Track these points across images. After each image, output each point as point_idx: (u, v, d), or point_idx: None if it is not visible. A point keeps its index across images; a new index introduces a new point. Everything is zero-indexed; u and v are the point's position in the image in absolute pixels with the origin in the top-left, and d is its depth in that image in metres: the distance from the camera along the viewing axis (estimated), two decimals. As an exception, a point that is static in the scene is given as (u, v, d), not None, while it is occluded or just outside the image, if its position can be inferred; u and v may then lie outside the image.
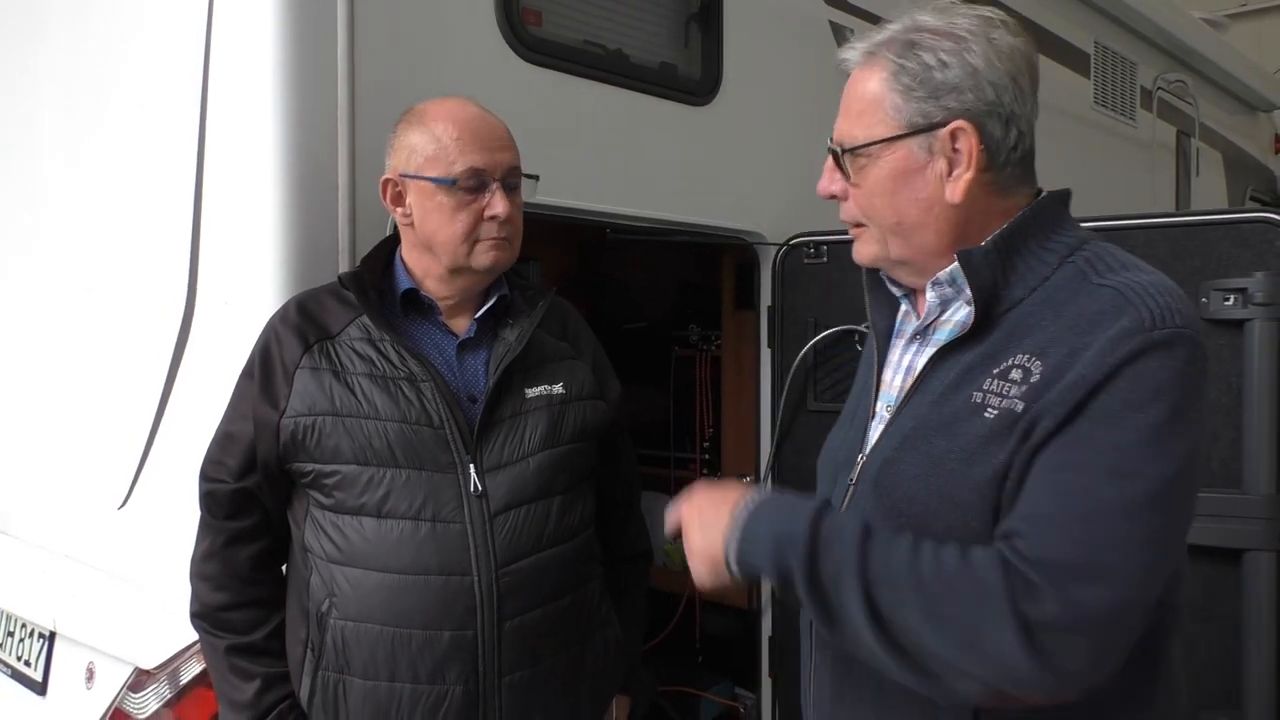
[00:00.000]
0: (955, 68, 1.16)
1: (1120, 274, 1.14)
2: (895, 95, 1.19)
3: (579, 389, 1.73)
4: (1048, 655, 1.01)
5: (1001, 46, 1.17)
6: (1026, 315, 1.16)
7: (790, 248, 2.62)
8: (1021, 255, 1.19)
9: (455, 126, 1.59)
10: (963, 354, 1.19)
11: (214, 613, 1.63)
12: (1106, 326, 1.08)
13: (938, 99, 1.17)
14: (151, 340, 2.01)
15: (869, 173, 1.22)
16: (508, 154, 1.63)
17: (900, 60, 1.19)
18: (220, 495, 1.62)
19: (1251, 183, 6.38)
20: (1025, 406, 1.09)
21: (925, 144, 1.18)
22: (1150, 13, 4.72)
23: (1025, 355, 1.12)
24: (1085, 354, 1.07)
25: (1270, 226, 1.98)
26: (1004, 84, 1.17)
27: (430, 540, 1.53)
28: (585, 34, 2.28)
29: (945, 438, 1.16)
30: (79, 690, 2.12)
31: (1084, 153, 4.22)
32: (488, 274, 1.64)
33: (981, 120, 1.17)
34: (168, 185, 1.96)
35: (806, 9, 2.86)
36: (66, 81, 2.31)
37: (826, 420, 2.55)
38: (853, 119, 1.24)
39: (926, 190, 1.20)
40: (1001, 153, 1.18)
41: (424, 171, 1.59)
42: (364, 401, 1.56)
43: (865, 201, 1.24)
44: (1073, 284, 1.15)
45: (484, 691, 1.55)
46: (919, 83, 1.17)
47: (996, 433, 1.11)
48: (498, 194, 1.59)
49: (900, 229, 1.23)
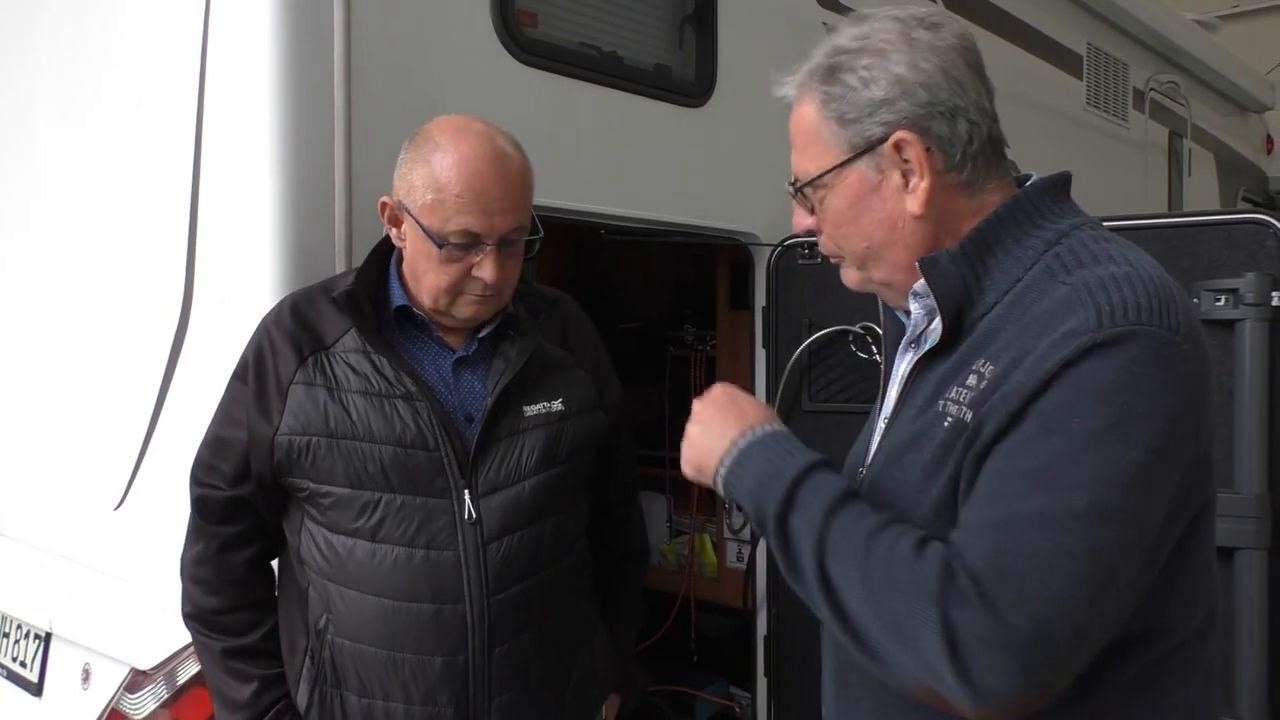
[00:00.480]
0: (880, 81, 1.14)
1: (1087, 269, 1.07)
2: (830, 123, 1.18)
3: (578, 403, 1.69)
4: (968, 669, 0.95)
5: (922, 46, 1.14)
6: (996, 320, 1.11)
7: (785, 248, 2.63)
8: (995, 255, 1.14)
9: (460, 180, 1.49)
10: (938, 364, 1.17)
11: (208, 615, 1.62)
12: (1054, 328, 1.02)
13: (872, 116, 1.15)
14: (148, 340, 2.00)
15: (828, 203, 1.21)
16: (509, 216, 1.53)
17: (825, 88, 1.18)
18: (213, 501, 1.60)
19: (1243, 183, 6.41)
20: (972, 415, 1.06)
21: (873, 163, 1.16)
22: (1142, 14, 4.73)
23: (983, 360, 1.09)
24: (1028, 359, 1.02)
25: (1261, 228, 1.99)
26: (936, 82, 1.13)
27: (424, 567, 1.53)
28: (581, 36, 2.29)
29: (915, 450, 1.14)
30: (75, 691, 2.12)
31: (1076, 153, 4.23)
32: (469, 324, 1.60)
33: (923, 125, 1.13)
34: (164, 185, 1.96)
35: (800, 10, 2.87)
36: (62, 79, 2.31)
37: (822, 421, 2.58)
38: (800, 153, 1.24)
39: (886, 208, 1.17)
40: (956, 150, 1.14)
41: (420, 217, 1.51)
42: (359, 423, 1.53)
43: (833, 232, 1.23)
44: (1041, 283, 1.10)
45: (474, 712, 1.56)
46: (849, 105, 1.16)
47: (947, 444, 1.08)
48: (489, 258, 1.51)
49: (871, 252, 1.21)
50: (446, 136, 1.52)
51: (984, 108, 1.16)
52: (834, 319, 2.53)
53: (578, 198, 2.22)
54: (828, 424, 2.56)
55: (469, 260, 1.52)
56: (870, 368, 2.49)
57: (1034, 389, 1.00)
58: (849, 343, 2.51)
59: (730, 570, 3.15)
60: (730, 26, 2.61)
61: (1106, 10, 4.48)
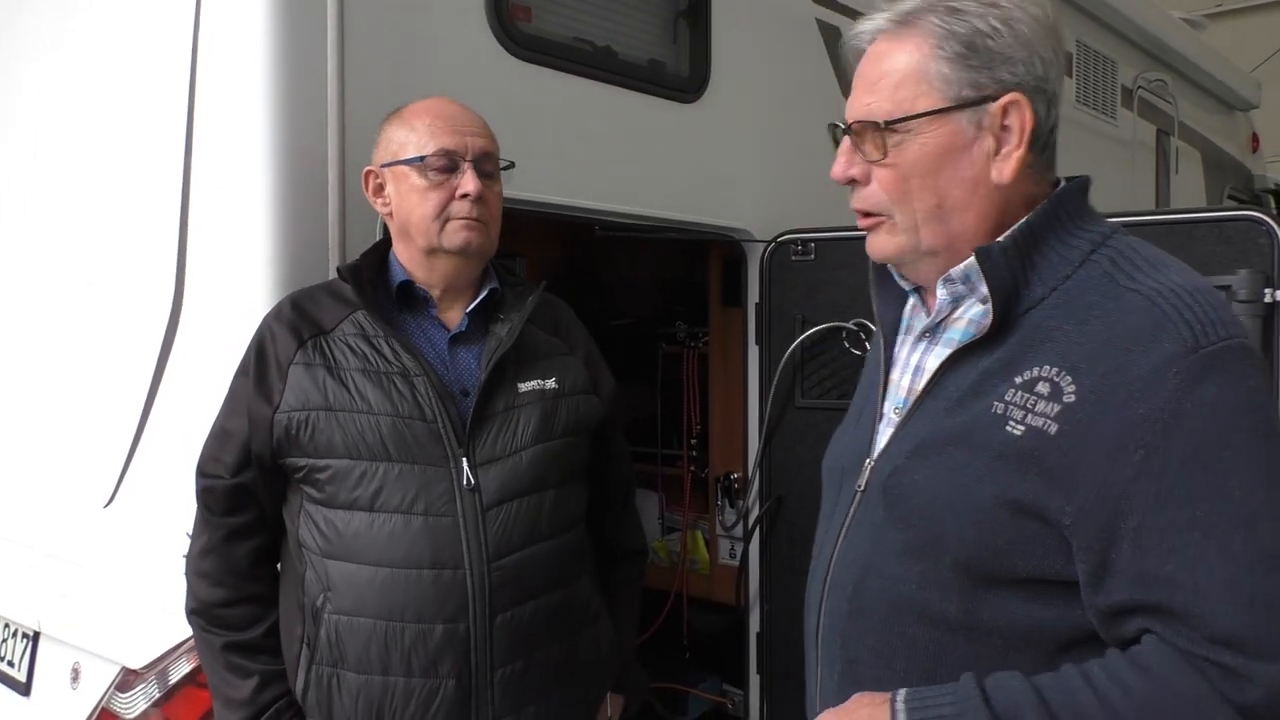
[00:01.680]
0: (1006, 36, 1.09)
1: (1150, 276, 1.05)
2: (942, 65, 1.10)
3: (572, 384, 1.74)
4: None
5: (1041, 19, 1.11)
6: (1047, 318, 1.08)
7: (777, 245, 2.62)
8: (1042, 251, 1.11)
9: (429, 115, 1.64)
10: (980, 358, 1.12)
11: (211, 609, 1.63)
12: (1146, 348, 1.00)
13: (990, 69, 1.09)
14: (138, 338, 1.99)
15: (908, 149, 1.12)
16: (480, 139, 1.65)
17: (947, 25, 1.10)
18: (217, 491, 1.62)
19: (1229, 181, 6.44)
20: (1059, 431, 1.02)
21: (975, 119, 1.10)
22: (1131, 12, 4.76)
23: (1051, 367, 1.05)
24: (1126, 380, 1.00)
25: (1254, 225, 2.00)
26: (1049, 59, 1.10)
27: (423, 534, 1.53)
28: (574, 30, 2.28)
29: (963, 449, 1.09)
30: (64, 691, 2.11)
31: (1066, 151, 4.23)
32: (461, 254, 1.64)
33: (1033, 94, 1.10)
34: (154, 182, 1.95)
35: (794, 7, 2.86)
36: (51, 74, 2.28)
37: (814, 417, 2.58)
38: (883, 93, 1.13)
39: (973, 170, 1.12)
40: (1044, 132, 1.12)
41: (399, 155, 1.63)
42: (357, 396, 1.56)
43: (898, 183, 1.14)
44: (1099, 286, 1.07)
45: (477, 685, 1.55)
46: (970, 49, 1.09)
47: (1024, 452, 1.04)
48: (468, 173, 1.61)
49: (940, 212, 1.14)
50: (411, 103, 1.69)
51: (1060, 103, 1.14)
52: (827, 315, 2.53)
53: (571, 193, 2.21)
54: (820, 421, 2.56)
55: (451, 184, 1.61)
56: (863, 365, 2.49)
57: (1163, 420, 0.98)
58: (842, 339, 2.52)
59: (723, 567, 3.15)
60: (724, 22, 2.60)
61: (1096, 8, 4.50)
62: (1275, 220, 2.00)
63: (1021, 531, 1.05)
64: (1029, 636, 1.08)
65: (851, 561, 1.23)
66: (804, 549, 2.58)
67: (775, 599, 2.66)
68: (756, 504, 2.69)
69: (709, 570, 3.29)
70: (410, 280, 1.67)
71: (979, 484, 1.07)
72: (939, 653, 1.12)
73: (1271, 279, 1.97)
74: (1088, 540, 1.01)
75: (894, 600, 1.16)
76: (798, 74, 2.82)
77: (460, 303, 1.69)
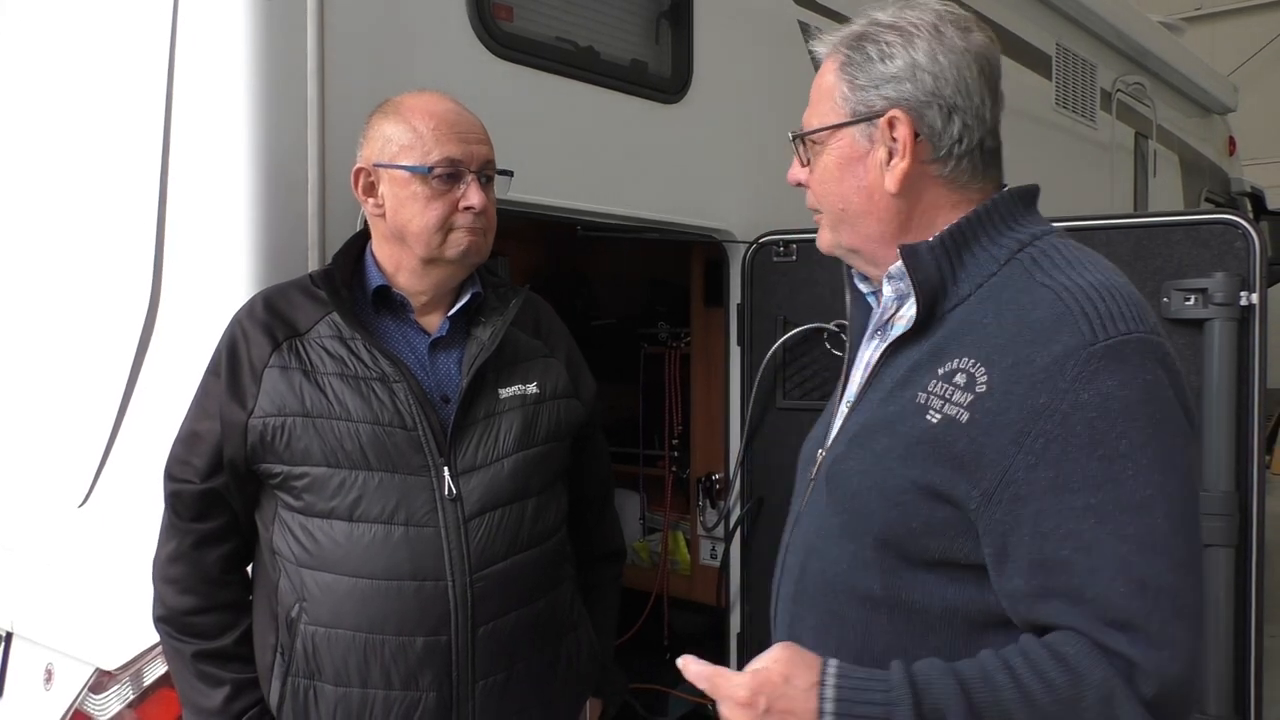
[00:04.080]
0: (897, 59, 1.20)
1: (1064, 273, 1.13)
2: (843, 85, 1.24)
3: (553, 388, 1.71)
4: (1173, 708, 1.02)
5: (949, 42, 1.20)
6: (970, 312, 1.16)
7: (759, 246, 2.63)
8: (971, 251, 1.20)
9: (432, 118, 1.58)
10: (910, 350, 1.21)
11: (180, 617, 1.59)
12: (1048, 341, 1.07)
13: (878, 88, 1.21)
14: (114, 338, 1.97)
15: (820, 159, 1.28)
16: (484, 147, 1.62)
17: (849, 52, 1.24)
18: (187, 496, 1.58)
19: (1206, 184, 6.50)
20: (970, 420, 1.09)
21: (866, 132, 1.23)
22: (1110, 16, 4.79)
23: (968, 359, 1.12)
24: (1030, 371, 1.06)
25: (1230, 228, 2.02)
26: (945, 77, 1.19)
27: (404, 545, 1.51)
28: (556, 30, 2.27)
29: (890, 436, 1.17)
30: (37, 692, 2.08)
31: (1046, 153, 4.27)
32: (460, 264, 1.62)
33: (920, 111, 1.20)
34: (132, 182, 1.92)
35: (776, 8, 2.87)
36: (29, 76, 2.26)
37: (796, 417, 2.59)
38: (812, 108, 1.29)
39: (868, 178, 1.23)
40: (944, 145, 1.21)
41: (399, 160, 1.57)
42: (335, 402, 1.53)
43: (818, 188, 1.29)
44: (1017, 281, 1.15)
45: (458, 697, 1.54)
46: (862, 73, 1.22)
47: (938, 439, 1.11)
48: (473, 185, 1.58)
49: (846, 216, 1.27)
50: (406, 97, 1.63)
51: (984, 116, 1.22)
52: (808, 316, 2.54)
53: (553, 193, 2.20)
54: (802, 420, 2.54)
55: (454, 194, 1.57)
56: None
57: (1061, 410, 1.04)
58: (823, 340, 2.52)
59: (703, 567, 3.15)
60: (706, 23, 2.60)
61: (1075, 12, 4.53)
62: (1251, 224, 2.02)
63: (935, 514, 1.12)
64: (945, 616, 1.14)
65: (800, 545, 1.31)
66: (784, 550, 2.59)
67: (756, 599, 2.66)
68: (738, 505, 2.70)
69: (690, 571, 3.29)
70: (387, 285, 1.63)
71: (900, 467, 1.14)
72: (867, 630, 1.19)
73: (1247, 282, 1.99)
74: (991, 524, 1.08)
75: (830, 580, 1.24)
76: (780, 75, 2.82)
77: (440, 307, 1.66)
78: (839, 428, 1.30)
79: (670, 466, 3.30)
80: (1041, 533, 1.05)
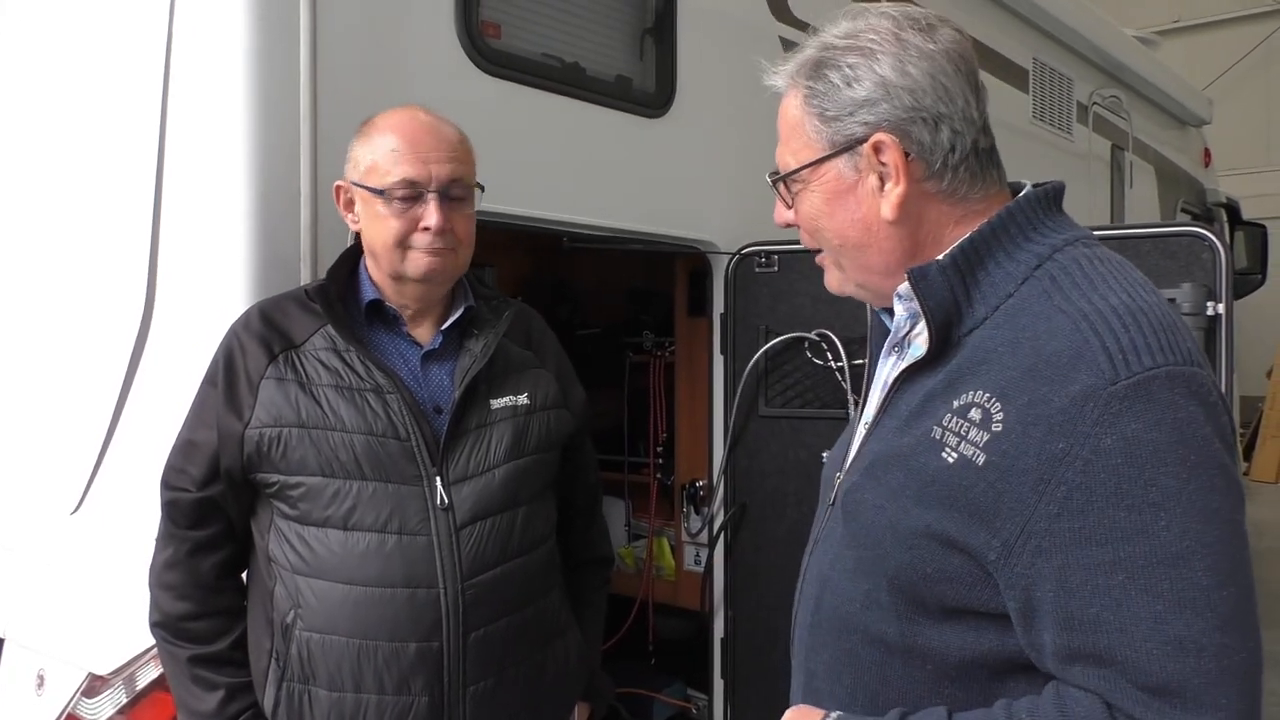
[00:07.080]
0: (865, 81, 1.11)
1: (1084, 295, 1.03)
2: (813, 118, 1.15)
3: (543, 399, 1.75)
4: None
5: (912, 48, 1.11)
6: (987, 338, 1.07)
7: (742, 257, 2.68)
8: (985, 268, 1.10)
9: (395, 138, 1.60)
10: (926, 377, 1.12)
11: (176, 622, 1.62)
12: (1065, 379, 0.97)
13: (853, 115, 1.12)
14: (109, 344, 1.99)
15: (804, 198, 1.19)
16: (447, 166, 1.61)
17: (810, 83, 1.15)
18: (183, 504, 1.61)
19: (1182, 195, 6.59)
20: (987, 463, 1.00)
21: (851, 163, 1.13)
22: (1086, 31, 4.87)
23: (984, 393, 1.03)
24: (1047, 413, 0.97)
25: (1197, 240, 2.08)
26: (921, 87, 1.10)
27: (397, 553, 1.54)
28: (543, 47, 2.32)
29: (904, 472, 1.09)
30: (29, 697, 2.10)
31: (1024, 166, 4.32)
32: (426, 282, 1.63)
33: (904, 129, 1.10)
34: (127, 191, 1.95)
35: (758, 23, 2.92)
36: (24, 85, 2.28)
37: (778, 425, 2.64)
38: (783, 145, 1.21)
39: (861, 209, 1.14)
40: (937, 158, 1.11)
41: (365, 181, 1.61)
42: (330, 413, 1.56)
43: (809, 226, 1.20)
44: (1033, 305, 1.05)
45: (449, 702, 1.57)
46: (831, 102, 1.13)
47: (954, 483, 1.03)
48: (431, 205, 1.58)
49: (845, 251, 1.18)
50: (380, 115, 1.65)
51: (971, 117, 1.13)
52: (790, 326, 2.59)
53: (540, 206, 2.25)
54: (783, 428, 2.61)
55: (414, 213, 1.59)
56: (825, 374, 2.54)
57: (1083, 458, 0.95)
58: (804, 349, 2.57)
59: (688, 573, 3.19)
60: (689, 39, 2.65)
61: (1052, 26, 4.61)
62: (1217, 236, 2.08)
63: (949, 561, 1.04)
64: (963, 666, 1.07)
65: (816, 575, 1.25)
66: (767, 555, 2.64)
67: (739, 604, 2.70)
68: (721, 511, 2.74)
69: (674, 576, 3.32)
70: (380, 299, 1.67)
71: (914, 507, 1.07)
72: (882, 674, 1.13)
73: (1214, 292, 2.05)
74: (1013, 578, 0.99)
75: (844, 617, 1.17)
76: (761, 89, 2.86)
77: (432, 319, 1.70)
78: (855, 452, 1.23)
79: (655, 473, 3.33)
80: (1067, 589, 0.96)
